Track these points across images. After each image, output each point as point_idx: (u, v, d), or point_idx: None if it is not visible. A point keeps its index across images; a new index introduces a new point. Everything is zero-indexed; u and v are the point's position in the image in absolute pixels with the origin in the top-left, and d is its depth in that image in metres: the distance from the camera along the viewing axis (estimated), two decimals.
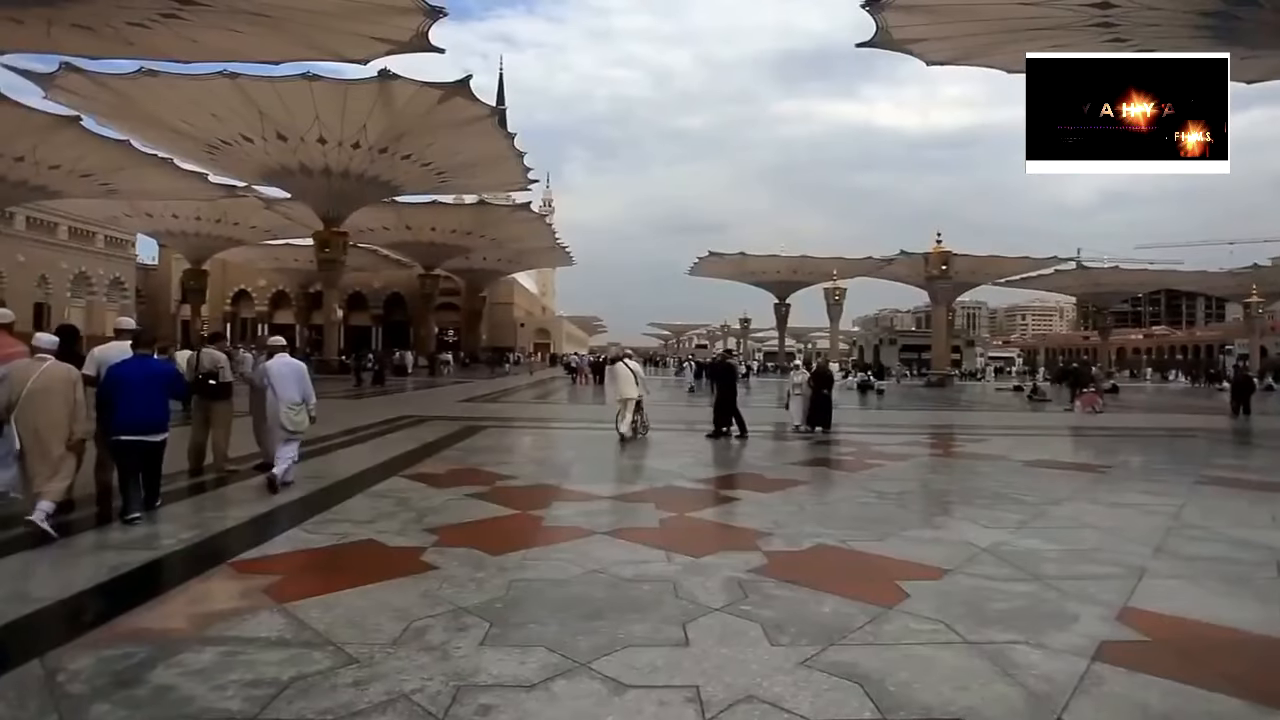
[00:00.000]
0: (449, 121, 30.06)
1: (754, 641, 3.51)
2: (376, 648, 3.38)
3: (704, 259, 62.46)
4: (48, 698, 2.85)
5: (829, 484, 8.17)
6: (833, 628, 3.70)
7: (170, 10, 20.00)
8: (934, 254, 43.03)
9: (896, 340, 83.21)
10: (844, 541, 5.54)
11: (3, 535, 5.13)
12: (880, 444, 12.49)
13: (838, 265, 57.77)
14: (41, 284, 49.10)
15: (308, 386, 7.32)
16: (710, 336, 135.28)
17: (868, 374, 36.74)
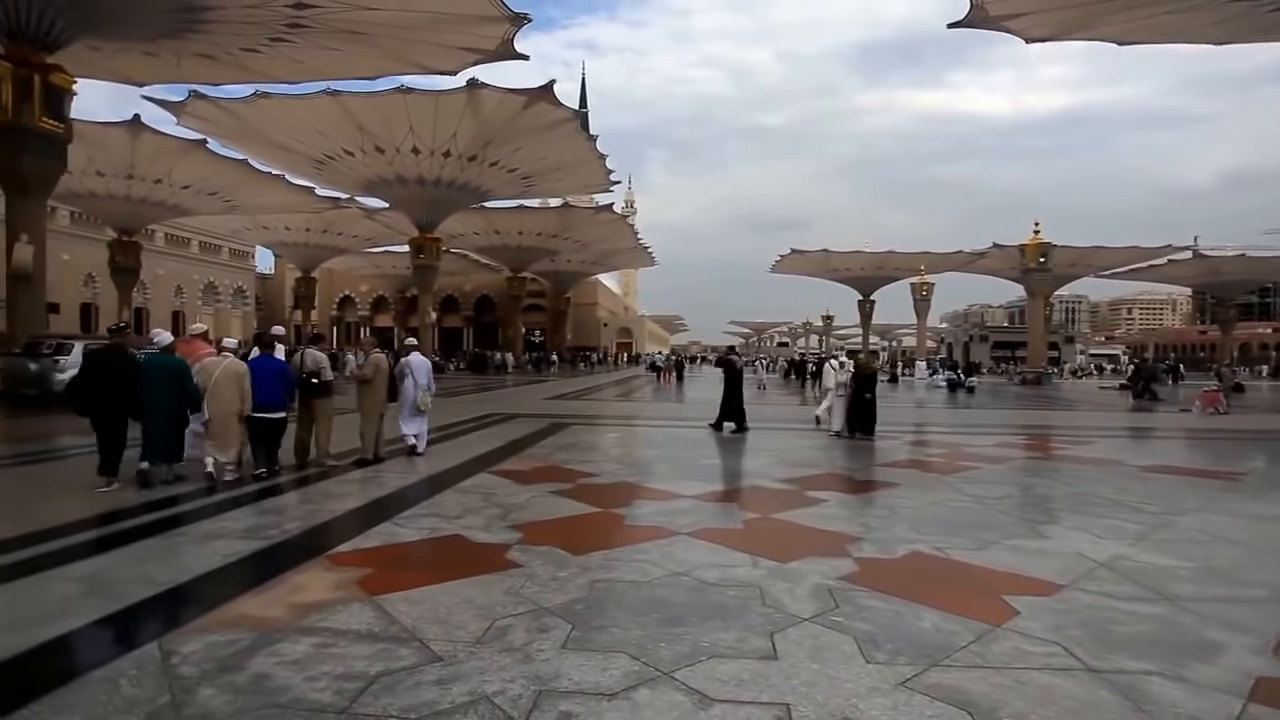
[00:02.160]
0: (533, 126, 30.59)
1: (848, 658, 3.26)
2: (460, 646, 3.35)
3: (785, 256, 61.17)
4: (162, 679, 2.97)
5: (920, 487, 7.68)
6: (934, 645, 3.40)
7: (278, 34, 21.26)
8: (1031, 245, 40.32)
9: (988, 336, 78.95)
10: (941, 549, 5.15)
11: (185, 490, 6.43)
12: (973, 445, 11.74)
13: (925, 260, 55.32)
14: (177, 294, 53.61)
15: (431, 377, 9.46)
16: (792, 334, 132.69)
17: (957, 371, 34.99)
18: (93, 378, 6.91)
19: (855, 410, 12.00)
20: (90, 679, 2.96)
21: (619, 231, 52.98)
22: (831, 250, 58.77)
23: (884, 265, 58.69)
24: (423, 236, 37.57)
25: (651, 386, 31.55)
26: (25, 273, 17.36)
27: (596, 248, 54.92)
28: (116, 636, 3.46)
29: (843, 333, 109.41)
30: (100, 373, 6.88)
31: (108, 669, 3.04)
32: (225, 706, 2.75)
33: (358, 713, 2.72)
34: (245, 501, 6.49)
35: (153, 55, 22.22)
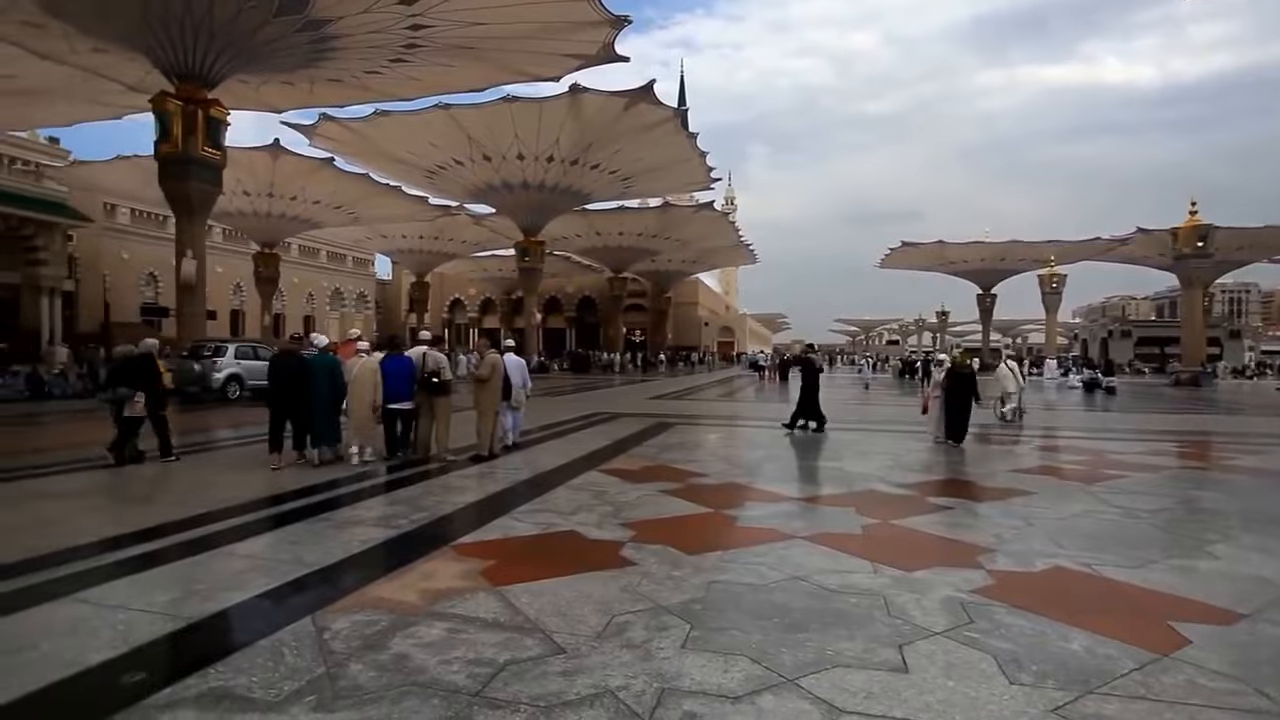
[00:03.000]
0: (633, 127, 30.98)
1: (987, 677, 3.07)
2: (582, 639, 3.45)
3: (896, 250, 58.66)
4: (317, 651, 3.24)
5: (1059, 496, 7.13)
6: (1089, 671, 3.15)
7: (397, 55, 22.65)
8: (1186, 228, 36.11)
9: (1131, 331, 72.28)
10: (1088, 566, 4.76)
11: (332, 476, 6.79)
12: (1118, 451, 10.78)
13: (1054, 250, 51.35)
14: (309, 300, 58.42)
15: (527, 375, 10.27)
16: (903, 332, 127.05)
17: (1095, 371, 32.19)
18: (274, 375, 8.60)
19: (952, 414, 10.92)
20: (259, 646, 3.28)
21: (719, 229, 52.64)
22: (947, 242, 55.76)
23: (1006, 256, 55.04)
24: (527, 240, 38.95)
25: (754, 386, 31.14)
26: (190, 284, 19.52)
27: (697, 246, 54.85)
28: (277, 610, 3.80)
29: (960, 329, 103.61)
30: (280, 371, 8.52)
31: (272, 639, 3.36)
32: (372, 682, 2.97)
33: (490, 697, 2.86)
34: (377, 492, 6.98)
35: (290, 84, 24.31)
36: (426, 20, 20.27)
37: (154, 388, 8.50)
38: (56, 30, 19.56)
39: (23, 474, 7.87)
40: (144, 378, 8.41)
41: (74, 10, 18.14)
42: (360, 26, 20.15)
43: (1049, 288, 51.58)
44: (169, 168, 19.77)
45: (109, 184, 37.84)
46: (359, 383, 8.35)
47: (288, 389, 8.29)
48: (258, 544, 5.05)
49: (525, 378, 10.19)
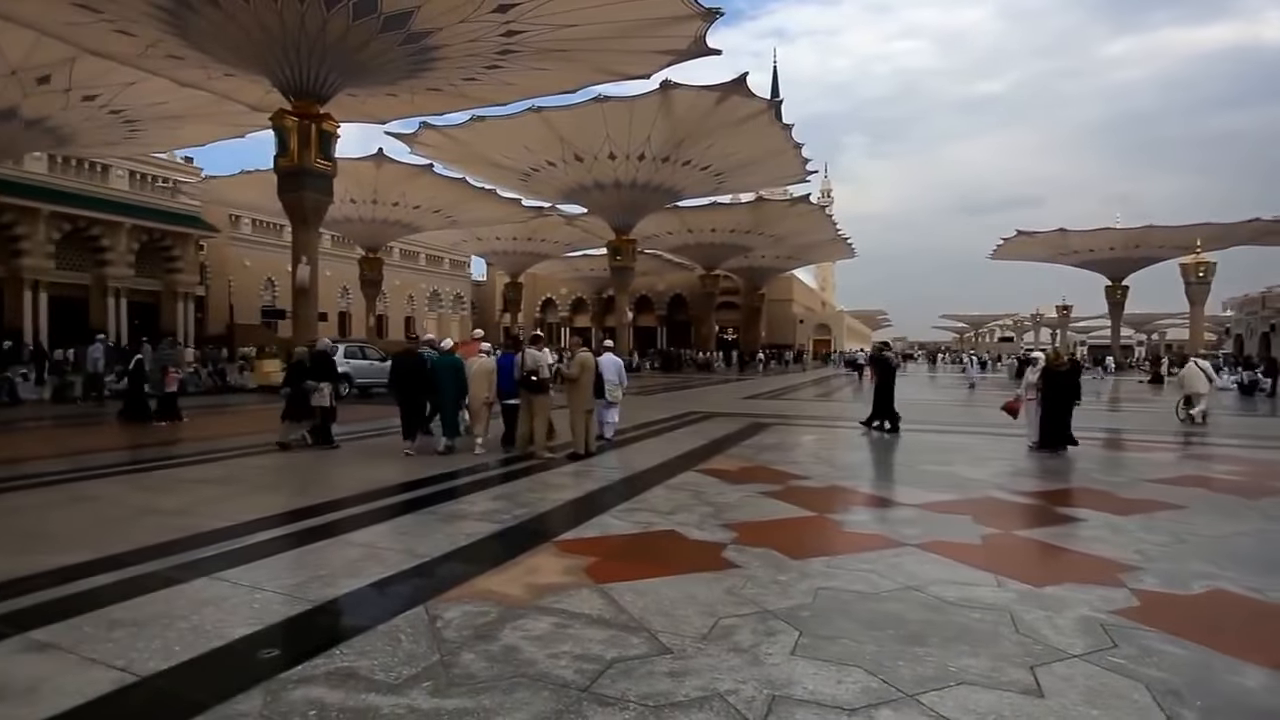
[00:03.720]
0: (726, 122, 30.69)
1: (1140, 709, 2.83)
2: (688, 640, 3.44)
3: (1010, 240, 55.26)
4: (431, 639, 3.40)
5: (1216, 511, 6.47)
6: (1270, 713, 2.84)
7: (493, 62, 23.42)
8: None
9: None
10: (1259, 591, 4.29)
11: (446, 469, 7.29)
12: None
13: (1201, 233, 46.56)
14: (409, 301, 61.68)
15: (624, 373, 10.92)
16: (1017, 328, 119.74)
17: (1255, 370, 28.94)
18: (397, 373, 9.88)
19: (1049, 418, 10.02)
20: (377, 631, 3.48)
21: (815, 223, 51.35)
22: (1069, 230, 51.96)
23: (1141, 243, 50.59)
24: (619, 239, 39.40)
25: (852, 386, 30.19)
26: (305, 288, 21.02)
27: (791, 241, 53.74)
28: (392, 598, 4.01)
29: (1084, 325, 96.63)
30: (402, 369, 9.69)
31: (389, 625, 3.56)
32: (484, 671, 3.08)
33: (598, 693, 2.90)
34: (479, 488, 7.25)
35: (393, 95, 25.63)
36: (520, 25, 20.86)
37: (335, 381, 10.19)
38: (195, 60, 21.50)
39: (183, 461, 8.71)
40: (327, 372, 10.08)
41: (209, 42, 19.84)
42: (458, 36, 20.97)
43: (1194, 277, 47.00)
44: (286, 179, 21.32)
45: (234, 197, 41.26)
46: (475, 379, 9.32)
47: (409, 384, 9.50)
48: (371, 534, 5.35)
49: (622, 375, 10.78)
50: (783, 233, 50.69)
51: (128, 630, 3.48)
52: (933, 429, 13.42)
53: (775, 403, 20.72)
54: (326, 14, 18.41)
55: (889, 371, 12.79)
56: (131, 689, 2.93)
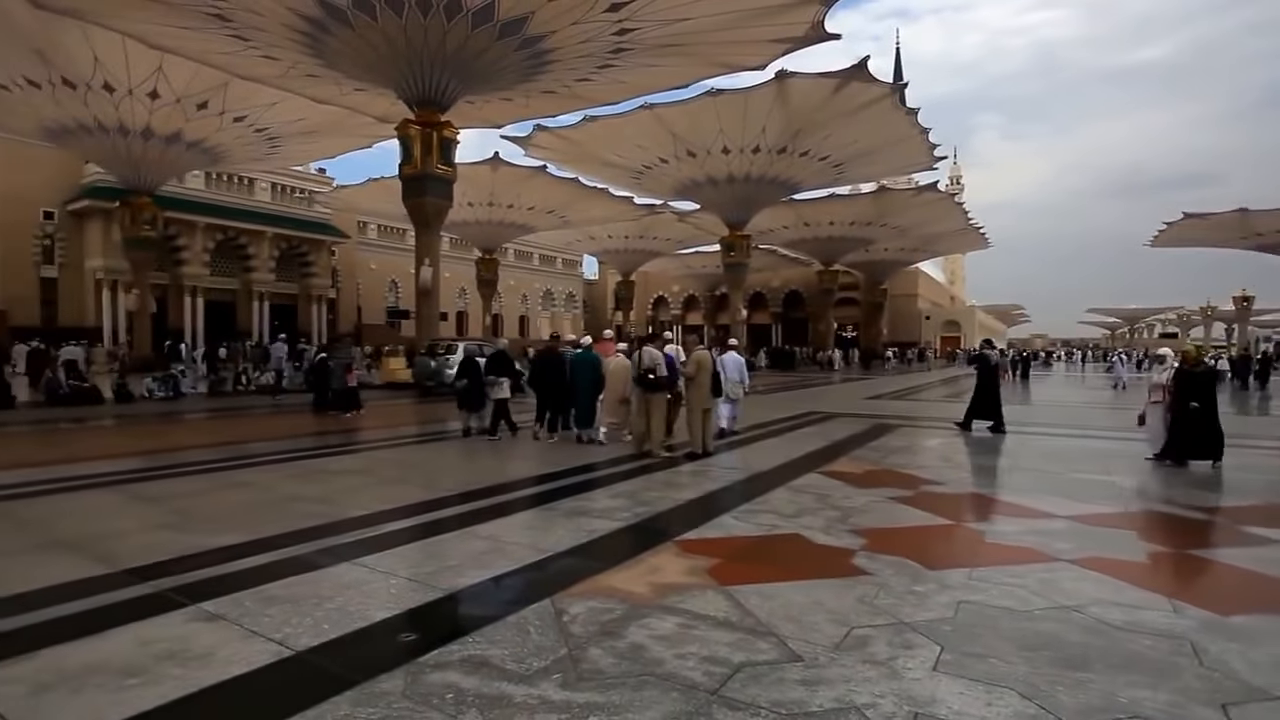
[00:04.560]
0: (845, 109, 29.70)
1: None
2: (819, 649, 3.35)
3: (1175, 224, 50.00)
4: (559, 632, 3.50)
5: None
6: None
7: (605, 61, 23.86)
8: None
9: None
10: None
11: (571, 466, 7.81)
12: None
13: None
14: (523, 301, 64.16)
15: (746, 371, 11.39)
16: (1182, 323, 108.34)
17: None
18: (538, 368, 10.81)
19: (1179, 426, 8.81)
20: (507, 622, 3.62)
21: (944, 212, 48.67)
22: (1251, 209, 46.30)
23: None
24: (732, 234, 39.07)
25: None
26: (427, 289, 22.37)
27: (917, 233, 51.24)
28: (519, 590, 4.16)
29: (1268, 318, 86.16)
30: (542, 365, 10.69)
31: (518, 616, 3.69)
32: (612, 668, 3.13)
33: (727, 697, 2.87)
34: (599, 485, 7.40)
35: (509, 100, 26.71)
36: (632, 23, 21.13)
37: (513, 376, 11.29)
38: (329, 79, 23.39)
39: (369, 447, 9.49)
40: (505, 368, 11.18)
41: (342, 60, 21.51)
42: (571, 38, 21.53)
43: None
44: (410, 185, 22.73)
45: (362, 204, 44.46)
46: (613, 375, 9.94)
47: (550, 379, 10.46)
48: (496, 527, 5.58)
49: (744, 373, 11.26)
50: (907, 224, 48.50)
51: (282, 607, 3.81)
52: (1074, 433, 12.40)
53: (900, 403, 19.84)
54: (447, 25, 19.44)
55: (990, 371, 12.51)
56: (288, 661, 3.20)
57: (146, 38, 21.13)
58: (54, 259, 35.28)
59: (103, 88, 24.77)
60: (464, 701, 2.82)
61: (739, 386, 11.06)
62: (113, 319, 35.95)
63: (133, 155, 28.39)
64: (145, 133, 27.34)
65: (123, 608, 3.85)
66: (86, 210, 35.79)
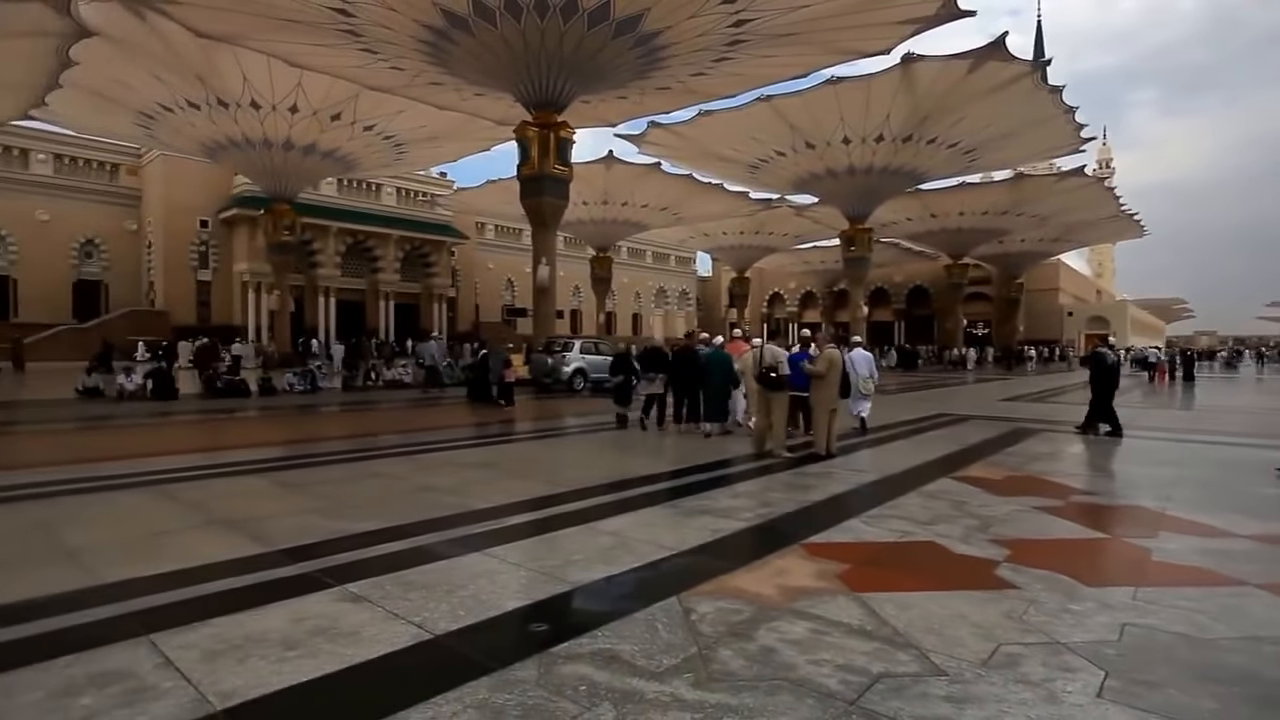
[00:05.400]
0: (978, 92, 28.06)
1: None
2: (965, 664, 3.18)
3: None
4: (688, 631, 3.52)
5: None
6: None
7: (721, 55, 23.74)
8: None
9: None
10: None
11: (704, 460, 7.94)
12: None
13: None
14: (635, 299, 65.07)
15: (874, 367, 11.90)
16: None
17: None
18: (675, 365, 11.54)
19: None
20: (634, 618, 3.67)
21: (1092, 198, 44.96)
22: None
23: None
24: (853, 228, 37.88)
25: (1141, 388, 26.00)
26: (544, 288, 23.15)
27: (1059, 221, 47.65)
28: (645, 587, 4.21)
29: None
30: (680, 362, 11.43)
31: (645, 613, 3.74)
32: (744, 670, 3.10)
33: (867, 708, 2.78)
34: (720, 484, 7.38)
35: (623, 98, 27.16)
36: (749, 13, 20.90)
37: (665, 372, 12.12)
38: (450, 85, 24.70)
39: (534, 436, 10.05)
40: (659, 364, 12.09)
41: (463, 67, 22.65)
42: (687, 32, 21.59)
43: None
44: (527, 186, 23.59)
45: (480, 205, 46.58)
46: (749, 373, 10.05)
47: (684, 375, 11.27)
48: (619, 523, 5.67)
49: (874, 370, 11.83)
50: (1048, 212, 45.27)
51: (419, 592, 4.05)
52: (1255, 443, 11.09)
53: (1041, 406, 18.53)
54: (564, 26, 19.99)
55: (1106, 371, 11.78)
56: (428, 644, 3.40)
57: (289, 57, 23.09)
58: (208, 263, 39.27)
59: (250, 105, 27.33)
60: (596, 694, 2.88)
61: (870, 382, 11.48)
62: (256, 318, 39.63)
63: (274, 166, 31.17)
64: (286, 144, 29.93)
65: (277, 585, 4.21)
66: (235, 218, 39.70)
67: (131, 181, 41.14)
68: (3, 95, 23.43)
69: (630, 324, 65.67)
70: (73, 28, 18.69)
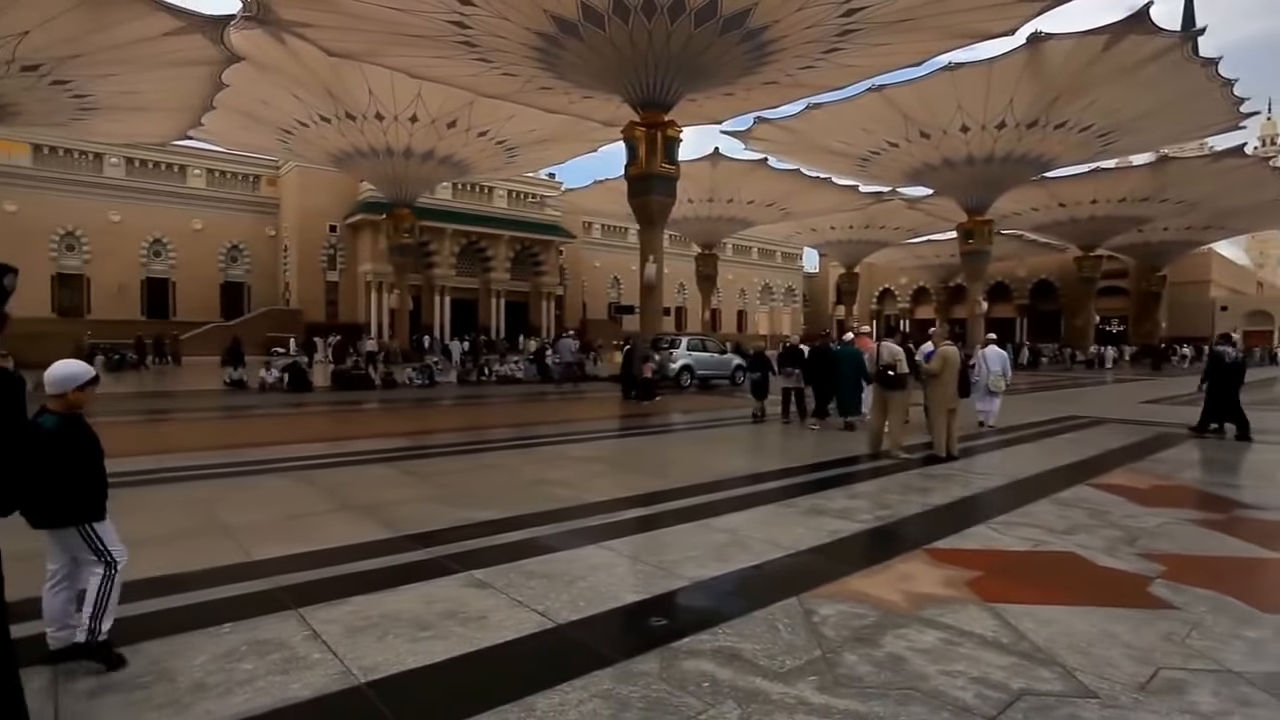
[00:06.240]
0: (1116, 69, 25.82)
1: None
2: (1118, 686, 2.94)
3: None
4: (810, 633, 3.44)
5: None
6: None
7: (831, 46, 23.03)
8: None
9: None
10: None
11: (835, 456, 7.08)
12: None
13: None
14: (740, 295, 64.60)
15: (1008, 365, 11.99)
16: None
17: None
18: (811, 361, 12.09)
19: None
20: (754, 617, 3.62)
21: (1252, 180, 40.33)
22: None
23: None
24: (971, 220, 35.89)
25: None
26: (651, 285, 23.28)
27: (1212, 207, 43.17)
28: (763, 586, 4.15)
29: None
30: (815, 359, 12.01)
31: (765, 612, 3.69)
32: (871, 676, 3.00)
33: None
34: (835, 484, 7.18)
35: (729, 94, 26.89)
36: (861, 2, 20.17)
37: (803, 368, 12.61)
38: (560, 89, 25.29)
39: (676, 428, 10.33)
40: (797, 361, 12.45)
41: (572, 71, 23.11)
42: (795, 25, 21.08)
43: None
44: (635, 185, 23.76)
45: (587, 205, 47.45)
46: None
47: (819, 371, 11.75)
48: (733, 520, 5.62)
49: (1006, 367, 11.87)
50: (1197, 197, 41.20)
51: (540, 581, 4.15)
52: None
53: (1189, 410, 16.87)
54: (671, 26, 20.01)
55: (1226, 369, 10.96)
56: (551, 632, 3.48)
57: (410, 70, 24.35)
58: (336, 265, 42.11)
59: (375, 117, 29.04)
60: (720, 691, 2.86)
61: (1001, 380, 11.45)
62: (378, 315, 42.19)
63: (396, 172, 32.99)
64: (406, 152, 31.61)
65: (408, 568, 4.44)
66: (360, 222, 42.45)
67: (270, 191, 44.90)
68: (169, 117, 26.03)
69: (735, 321, 65.09)
70: (225, 54, 20.53)
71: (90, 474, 3.19)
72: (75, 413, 3.22)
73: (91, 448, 3.23)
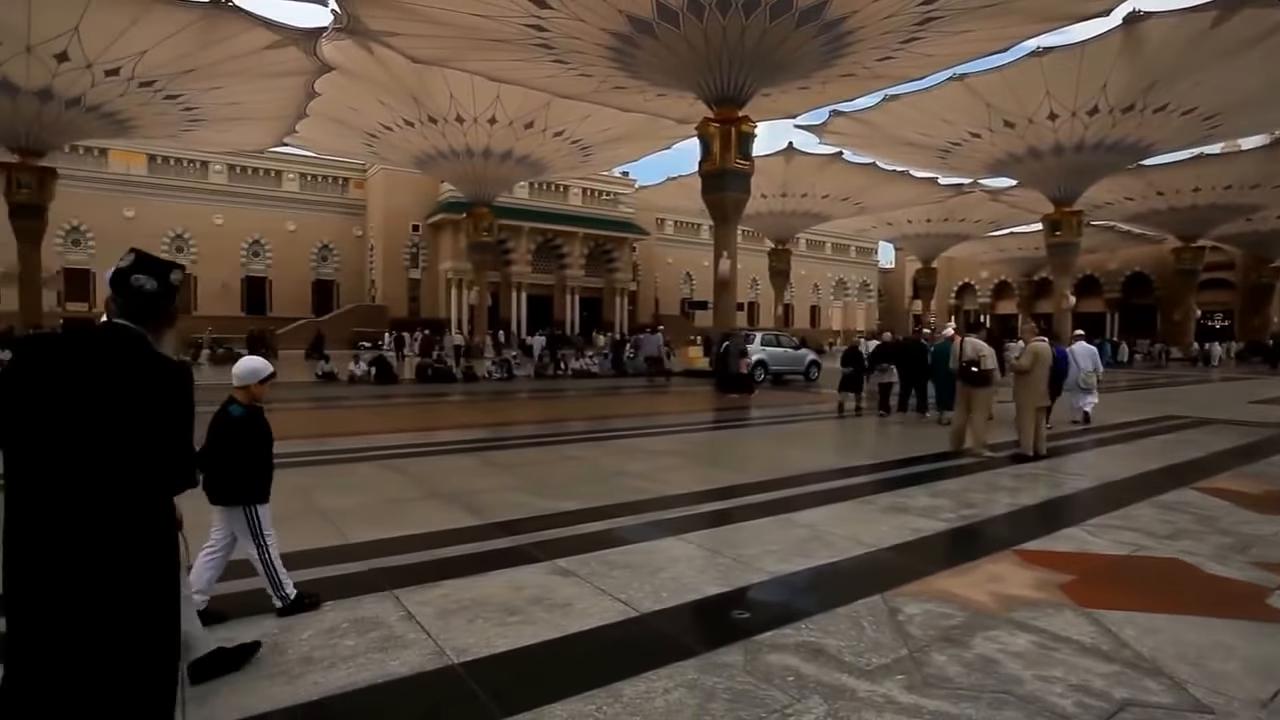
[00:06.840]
0: (1223, 48, 23.94)
1: None
2: (1236, 702, 2.75)
3: None
4: (895, 631, 3.36)
5: None
6: None
7: (910, 35, 22.25)
8: None
9: None
10: None
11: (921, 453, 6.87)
12: None
13: None
14: (814, 290, 63.42)
15: (1099, 361, 12.07)
16: None
17: None
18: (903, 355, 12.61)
19: None
20: (838, 614, 3.57)
21: None
22: None
23: None
24: (1059, 211, 34.03)
25: None
26: (725, 281, 23.11)
27: None
28: (846, 583, 4.08)
29: None
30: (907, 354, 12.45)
31: (849, 609, 3.62)
32: (962, 678, 2.90)
33: None
34: (916, 482, 6.97)
35: (804, 88, 26.35)
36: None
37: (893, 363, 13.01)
38: (634, 88, 25.39)
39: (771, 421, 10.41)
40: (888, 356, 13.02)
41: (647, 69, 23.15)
42: (873, 15, 20.46)
43: None
44: (709, 181, 23.60)
45: (660, 202, 47.49)
46: None
47: (913, 365, 12.11)
48: (814, 516, 5.54)
49: (1098, 363, 11.92)
50: None
51: (622, 571, 4.20)
52: None
53: None
54: (745, 21, 19.77)
55: None
56: (634, 621, 3.52)
57: (489, 73, 24.91)
58: (418, 263, 43.55)
59: (455, 120, 29.84)
60: (805, 686, 2.83)
61: (1092, 376, 11.49)
62: (458, 311, 43.46)
63: (475, 173, 33.83)
64: (485, 153, 32.37)
65: (495, 555, 4.56)
66: (440, 222, 43.79)
67: (357, 193, 46.92)
68: (267, 126, 27.53)
69: (809, 316, 63.98)
70: (317, 65, 21.53)
71: (263, 460, 3.53)
72: (256, 404, 3.58)
73: (267, 437, 3.58)
